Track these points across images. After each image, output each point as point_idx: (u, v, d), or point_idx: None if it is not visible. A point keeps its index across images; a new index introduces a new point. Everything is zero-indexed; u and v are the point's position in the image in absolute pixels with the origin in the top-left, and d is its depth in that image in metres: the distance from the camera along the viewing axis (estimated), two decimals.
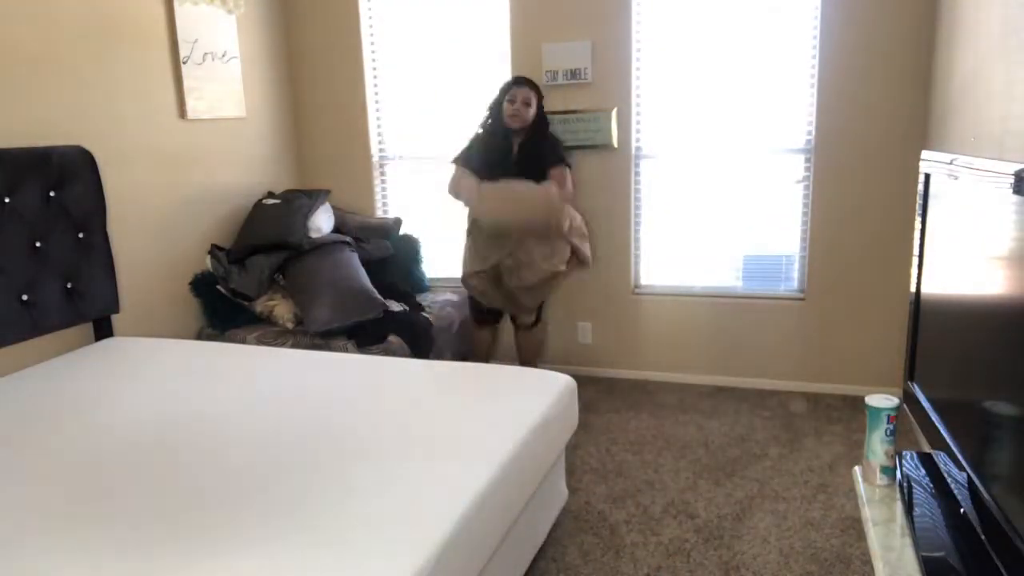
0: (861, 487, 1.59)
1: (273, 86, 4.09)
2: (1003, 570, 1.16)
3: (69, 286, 2.84)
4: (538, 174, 3.30)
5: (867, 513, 1.49)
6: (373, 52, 4.12)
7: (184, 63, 3.42)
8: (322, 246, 3.59)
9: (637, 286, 3.95)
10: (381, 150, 4.25)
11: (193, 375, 2.55)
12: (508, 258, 3.32)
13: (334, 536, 1.52)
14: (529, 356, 3.75)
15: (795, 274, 3.75)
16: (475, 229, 3.45)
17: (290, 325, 3.41)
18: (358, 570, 1.41)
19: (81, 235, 2.89)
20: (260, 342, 3.30)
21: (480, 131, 3.46)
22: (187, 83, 3.44)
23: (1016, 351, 1.15)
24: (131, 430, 2.09)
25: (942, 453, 1.49)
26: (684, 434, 3.29)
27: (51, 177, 2.75)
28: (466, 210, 3.45)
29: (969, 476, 1.32)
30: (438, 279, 4.17)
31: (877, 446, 1.56)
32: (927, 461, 1.63)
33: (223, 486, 1.75)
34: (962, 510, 1.37)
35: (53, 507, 1.69)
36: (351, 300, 3.38)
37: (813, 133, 3.51)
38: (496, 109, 3.40)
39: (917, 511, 1.46)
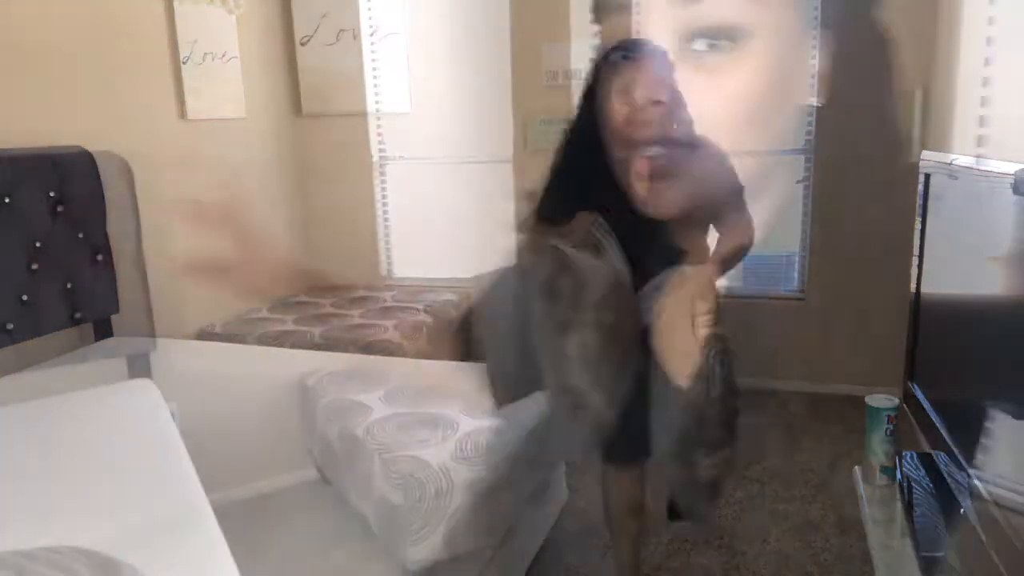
0: (861, 487, 1.59)
1: (273, 86, 4.08)
2: (1003, 570, 1.16)
3: (69, 286, 2.83)
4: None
5: (867, 513, 1.49)
6: (373, 52, 4.12)
7: (184, 63, 3.41)
8: None
9: None
10: (381, 150, 4.24)
11: (192, 376, 2.55)
12: None
13: (333, 535, 1.52)
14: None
15: (795, 274, 3.74)
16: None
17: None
18: (358, 570, 1.41)
19: (81, 235, 2.88)
20: (260, 342, 3.30)
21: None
22: (187, 83, 3.43)
23: (1016, 351, 1.15)
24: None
25: (942, 453, 1.49)
26: None
27: (51, 178, 2.75)
28: None
29: (969, 476, 1.32)
30: (439, 279, 4.17)
31: (877, 446, 1.56)
32: (927, 461, 1.63)
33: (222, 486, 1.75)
34: (962, 510, 1.37)
35: (54, 507, 1.69)
36: None
37: (813, 133, 3.50)
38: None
39: (917, 511, 1.46)
